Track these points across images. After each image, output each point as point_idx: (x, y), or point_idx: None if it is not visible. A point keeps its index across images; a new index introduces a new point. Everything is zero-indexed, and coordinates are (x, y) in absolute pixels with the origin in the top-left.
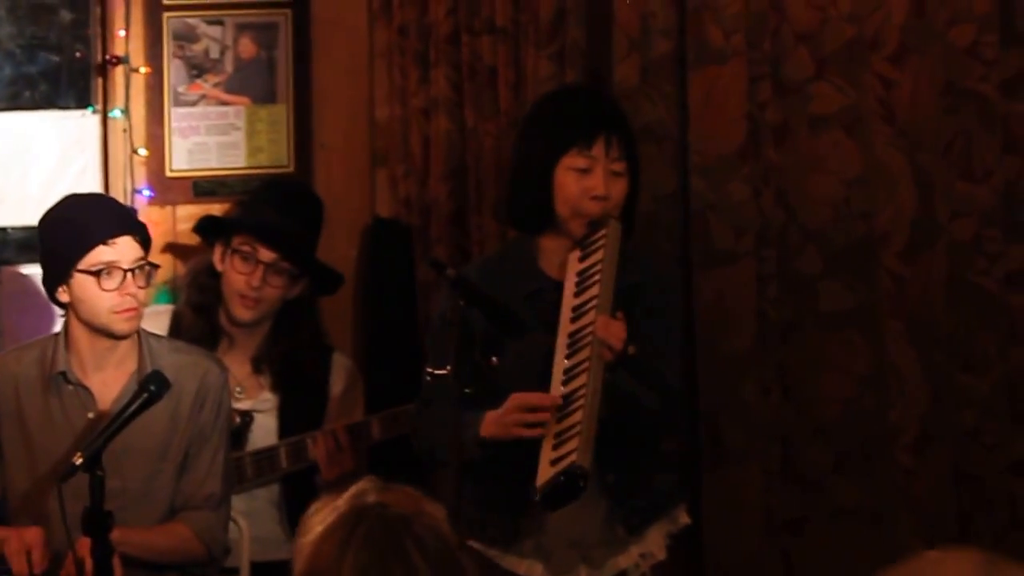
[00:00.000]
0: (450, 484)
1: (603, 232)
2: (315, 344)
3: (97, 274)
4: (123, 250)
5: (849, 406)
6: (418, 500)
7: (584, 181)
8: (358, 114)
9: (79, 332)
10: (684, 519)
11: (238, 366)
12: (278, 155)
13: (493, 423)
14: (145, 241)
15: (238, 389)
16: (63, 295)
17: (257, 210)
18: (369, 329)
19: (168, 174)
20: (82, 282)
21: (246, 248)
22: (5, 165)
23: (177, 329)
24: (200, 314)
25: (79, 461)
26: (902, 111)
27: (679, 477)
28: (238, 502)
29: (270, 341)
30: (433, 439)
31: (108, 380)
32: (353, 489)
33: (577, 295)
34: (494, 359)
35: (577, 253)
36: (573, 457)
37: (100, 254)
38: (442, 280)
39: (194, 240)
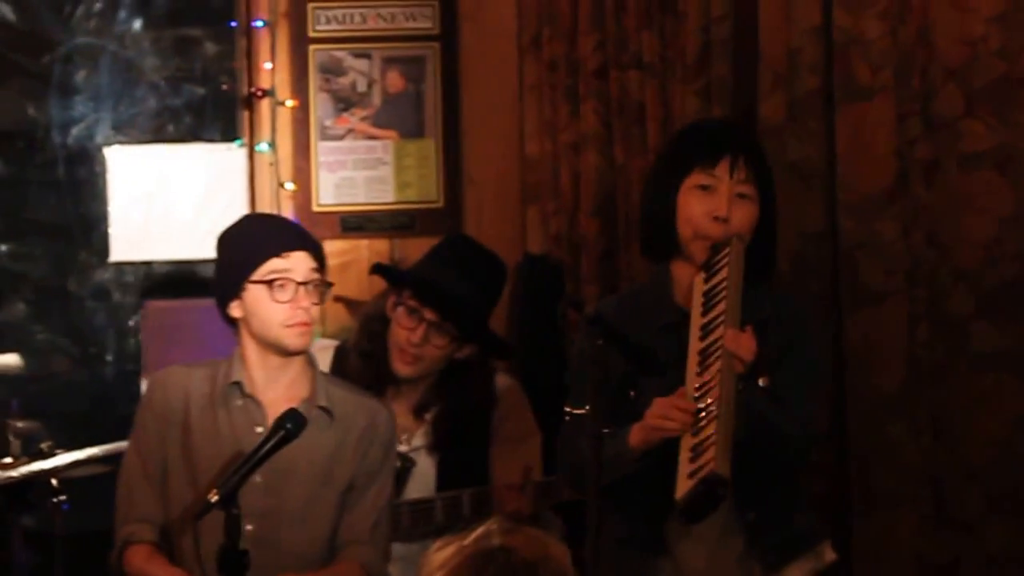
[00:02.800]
0: (590, 518)
1: (726, 251)
2: (480, 403)
3: (270, 284)
4: (297, 263)
5: (1003, 448)
6: (544, 544)
7: (706, 201)
8: (508, 149)
9: (251, 349)
10: (830, 555)
11: (402, 413)
12: (427, 190)
13: (638, 430)
14: (320, 260)
15: (403, 435)
16: (236, 310)
17: (433, 267)
18: (521, 367)
19: (315, 208)
20: (255, 293)
21: (412, 303)
22: (149, 198)
23: (340, 368)
24: (368, 360)
25: (215, 499)
26: None
27: (820, 516)
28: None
29: (433, 394)
30: (578, 475)
31: (279, 400)
32: (480, 530)
33: (704, 314)
34: (632, 392)
35: (702, 275)
36: (712, 466)
37: (274, 265)
38: (581, 319)
39: (343, 277)
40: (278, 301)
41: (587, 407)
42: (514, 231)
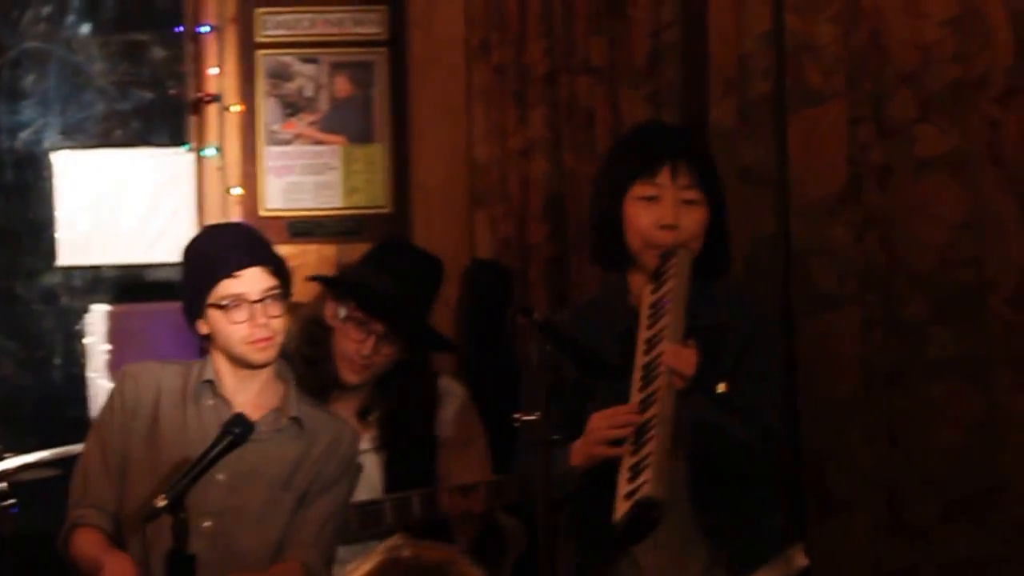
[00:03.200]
0: (540, 529)
1: (672, 261)
2: (421, 400)
3: (224, 308)
4: (249, 282)
5: (958, 455)
6: (453, 554)
7: (652, 210)
8: (456, 154)
9: (220, 361)
10: (801, 560)
11: (345, 412)
12: (375, 195)
13: (579, 449)
14: (279, 270)
15: None
16: (203, 327)
17: (375, 276)
18: (468, 371)
19: (262, 213)
20: (213, 316)
21: (359, 315)
22: (97, 203)
23: None
24: (312, 367)
25: (162, 503)
26: (1010, 153)
27: (793, 518)
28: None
29: (377, 394)
30: (529, 482)
31: (249, 404)
32: (387, 543)
33: (650, 327)
34: (588, 404)
35: (650, 286)
36: (645, 489)
37: (226, 287)
38: (531, 324)
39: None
40: (235, 322)
41: (537, 413)
42: (462, 236)
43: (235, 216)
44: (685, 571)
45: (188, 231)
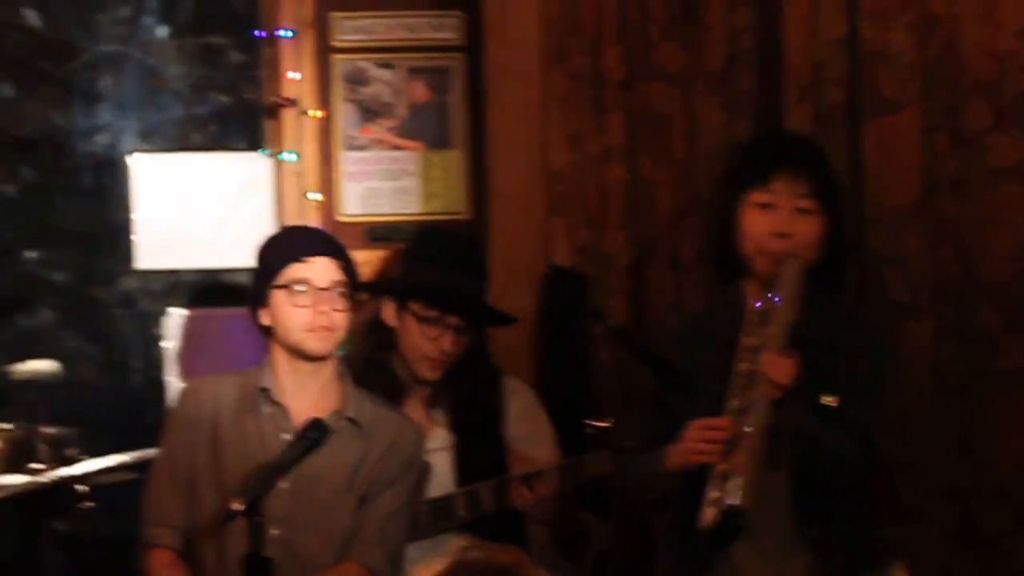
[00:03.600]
0: (615, 529)
1: (783, 270)
2: (487, 381)
3: (289, 289)
4: (319, 269)
5: None
6: (521, 556)
7: (767, 218)
8: (533, 160)
9: (280, 356)
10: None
11: (412, 410)
12: (453, 201)
13: (674, 453)
14: (349, 270)
15: None
16: (264, 318)
17: (432, 271)
18: (544, 378)
19: (340, 218)
20: (277, 299)
21: (432, 313)
22: (175, 207)
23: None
24: (373, 367)
25: (239, 507)
26: None
27: (899, 537)
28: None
29: (444, 384)
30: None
31: (307, 407)
32: (457, 544)
33: (754, 335)
34: (695, 409)
35: (759, 294)
36: (731, 497)
37: (295, 271)
38: (604, 332)
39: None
40: (298, 305)
41: (611, 420)
42: (539, 243)
43: (312, 221)
44: None
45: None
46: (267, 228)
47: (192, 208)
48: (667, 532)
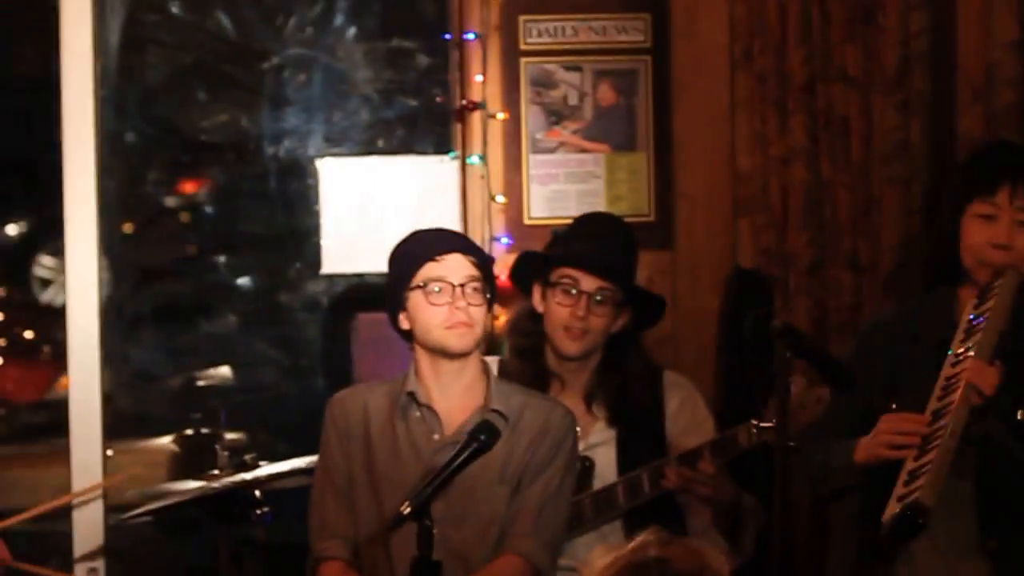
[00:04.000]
0: (774, 519)
1: (1000, 281)
2: (645, 374)
3: (425, 288)
4: (452, 266)
5: None
6: (700, 556)
7: (988, 229)
8: (719, 162)
9: (423, 359)
10: None
11: (572, 405)
12: (638, 204)
13: (865, 447)
14: (483, 265)
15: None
16: (404, 322)
17: (574, 244)
18: (730, 379)
19: (526, 221)
20: (414, 300)
21: (567, 280)
22: (362, 210)
23: (505, 378)
24: (526, 358)
25: (407, 510)
26: None
27: None
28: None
29: (600, 375)
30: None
31: (454, 408)
32: (636, 541)
33: (962, 341)
34: (893, 405)
35: (973, 302)
36: (916, 495)
37: (429, 270)
38: (771, 332)
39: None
40: (435, 304)
41: (773, 420)
42: (725, 245)
43: (499, 224)
44: None
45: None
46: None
47: (378, 212)
48: (845, 522)
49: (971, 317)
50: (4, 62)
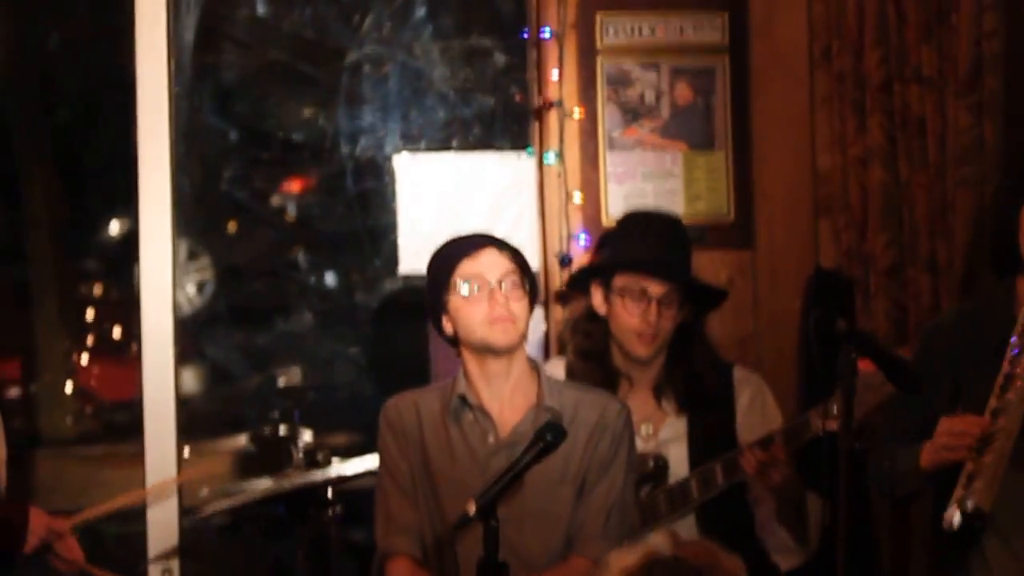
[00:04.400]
0: (839, 522)
1: None
2: (712, 362)
3: (463, 286)
4: (487, 262)
5: None
6: (714, 554)
7: None
8: (798, 162)
9: (470, 361)
10: None
11: (641, 402)
12: (717, 203)
13: (928, 451)
14: (519, 260)
15: (644, 427)
16: (447, 326)
17: (634, 246)
18: (810, 380)
19: (604, 220)
20: (455, 301)
21: (635, 287)
22: (439, 208)
23: (571, 379)
24: (593, 360)
25: (473, 510)
26: None
27: None
28: None
29: (668, 370)
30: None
31: (506, 408)
32: (650, 542)
33: (1021, 336)
34: (959, 409)
35: None
36: (973, 499)
37: (465, 268)
38: (836, 334)
39: None
40: (474, 302)
41: (840, 422)
42: (805, 245)
43: (576, 222)
44: None
45: (530, 237)
46: (531, 229)
47: (456, 210)
48: (923, 525)
49: None
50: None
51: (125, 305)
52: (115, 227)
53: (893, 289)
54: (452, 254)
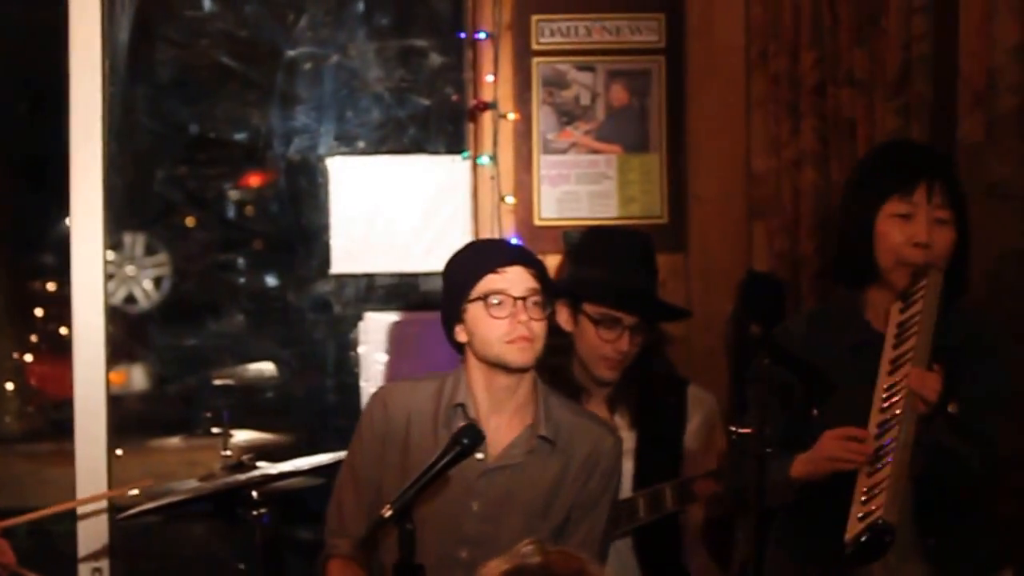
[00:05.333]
0: (746, 533)
1: (923, 283)
2: (668, 380)
3: (486, 301)
4: (513, 279)
5: None
6: (580, 561)
7: (906, 228)
8: (733, 164)
9: (477, 372)
10: None
11: (595, 412)
12: (651, 206)
13: (804, 461)
14: (542, 277)
15: None
16: (460, 334)
17: (604, 272)
18: (738, 383)
19: (537, 223)
20: (474, 312)
21: (609, 315)
22: (372, 210)
23: None
24: (556, 375)
25: (388, 513)
26: None
27: (1007, 541)
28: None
29: (623, 382)
30: (739, 489)
31: (503, 426)
32: (516, 549)
33: (895, 347)
34: (815, 411)
35: (898, 305)
36: (879, 513)
37: (490, 283)
38: (752, 339)
39: None
40: (496, 317)
41: (752, 427)
42: (738, 248)
43: (508, 225)
44: None
45: (462, 240)
46: (464, 232)
47: (390, 212)
48: (778, 540)
49: (900, 321)
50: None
51: (68, 302)
52: (58, 225)
53: (824, 292)
54: (479, 264)
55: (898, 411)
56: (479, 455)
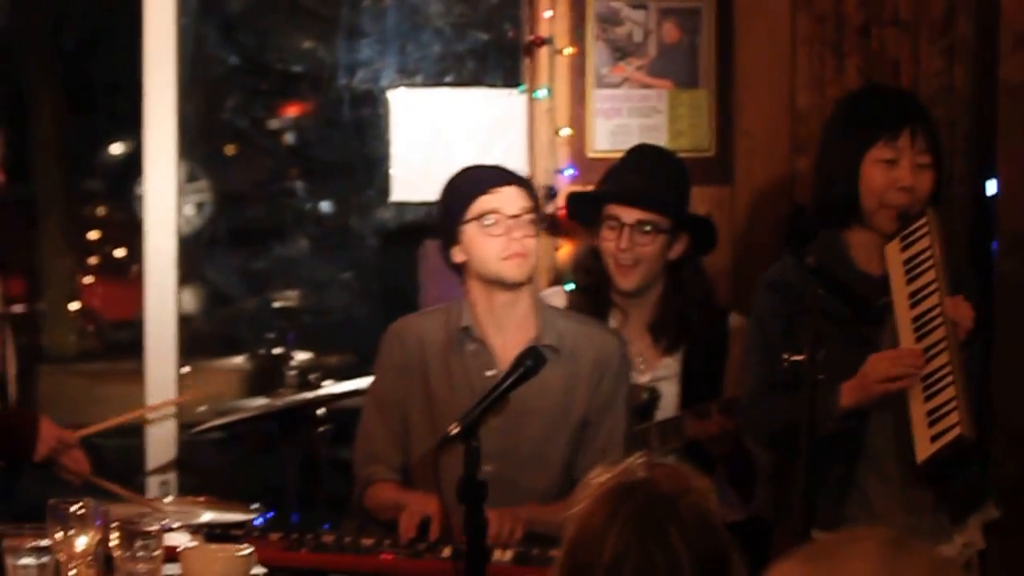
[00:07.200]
0: (800, 469)
1: (923, 221)
2: (707, 301)
3: (481, 220)
4: (506, 199)
5: None
6: (686, 478)
7: (891, 173)
8: (779, 101)
9: (477, 291)
10: (994, 512)
11: (636, 338)
12: (699, 140)
13: (853, 390)
14: (533, 197)
15: (639, 360)
16: (458, 255)
17: (617, 179)
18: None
19: (590, 155)
20: (469, 233)
21: (611, 215)
22: (431, 141)
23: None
24: (587, 294)
25: (455, 431)
26: None
27: (990, 475)
28: None
29: (663, 306)
30: (784, 421)
31: (508, 342)
32: (624, 464)
33: (910, 282)
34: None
35: (897, 244)
36: (958, 430)
37: (484, 203)
38: (801, 268)
39: None
40: (491, 235)
41: (804, 354)
42: (783, 182)
43: (563, 156)
44: (913, 510)
45: (519, 171)
46: (520, 163)
47: (448, 143)
48: (774, 468)
49: (907, 258)
50: None
51: (128, 226)
52: (120, 149)
53: None
54: (471, 187)
55: (940, 338)
56: (489, 371)
